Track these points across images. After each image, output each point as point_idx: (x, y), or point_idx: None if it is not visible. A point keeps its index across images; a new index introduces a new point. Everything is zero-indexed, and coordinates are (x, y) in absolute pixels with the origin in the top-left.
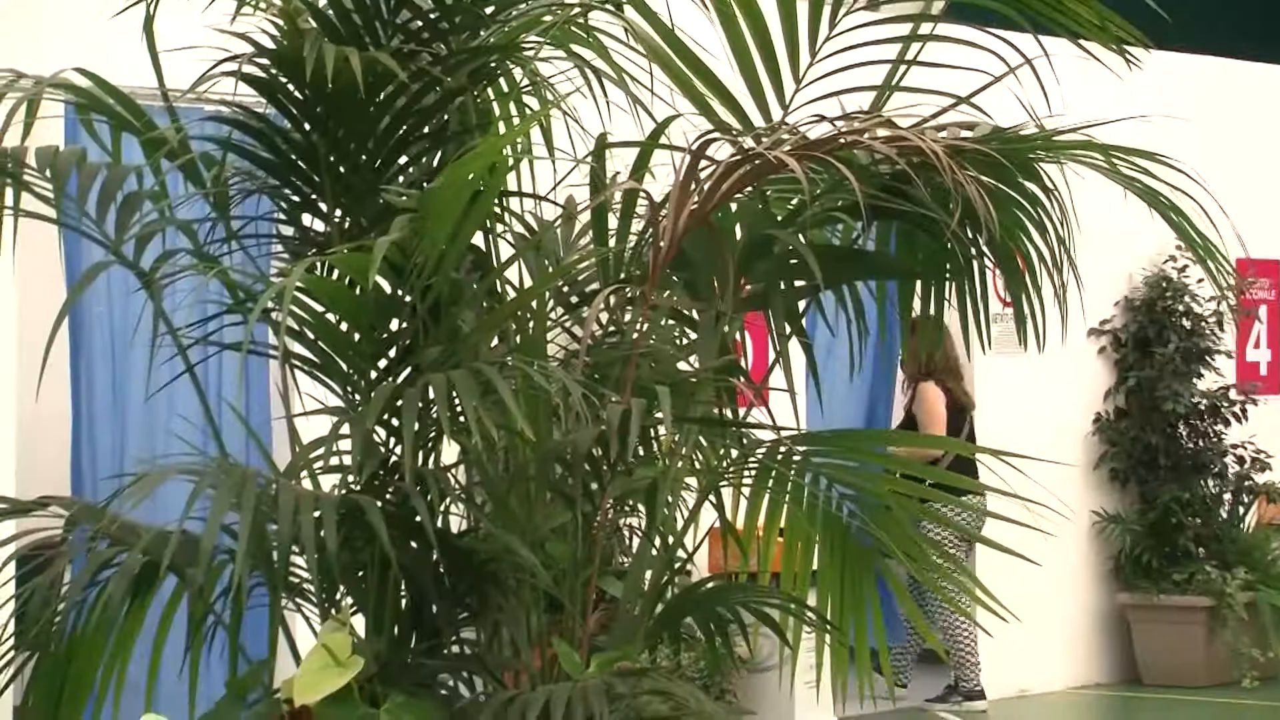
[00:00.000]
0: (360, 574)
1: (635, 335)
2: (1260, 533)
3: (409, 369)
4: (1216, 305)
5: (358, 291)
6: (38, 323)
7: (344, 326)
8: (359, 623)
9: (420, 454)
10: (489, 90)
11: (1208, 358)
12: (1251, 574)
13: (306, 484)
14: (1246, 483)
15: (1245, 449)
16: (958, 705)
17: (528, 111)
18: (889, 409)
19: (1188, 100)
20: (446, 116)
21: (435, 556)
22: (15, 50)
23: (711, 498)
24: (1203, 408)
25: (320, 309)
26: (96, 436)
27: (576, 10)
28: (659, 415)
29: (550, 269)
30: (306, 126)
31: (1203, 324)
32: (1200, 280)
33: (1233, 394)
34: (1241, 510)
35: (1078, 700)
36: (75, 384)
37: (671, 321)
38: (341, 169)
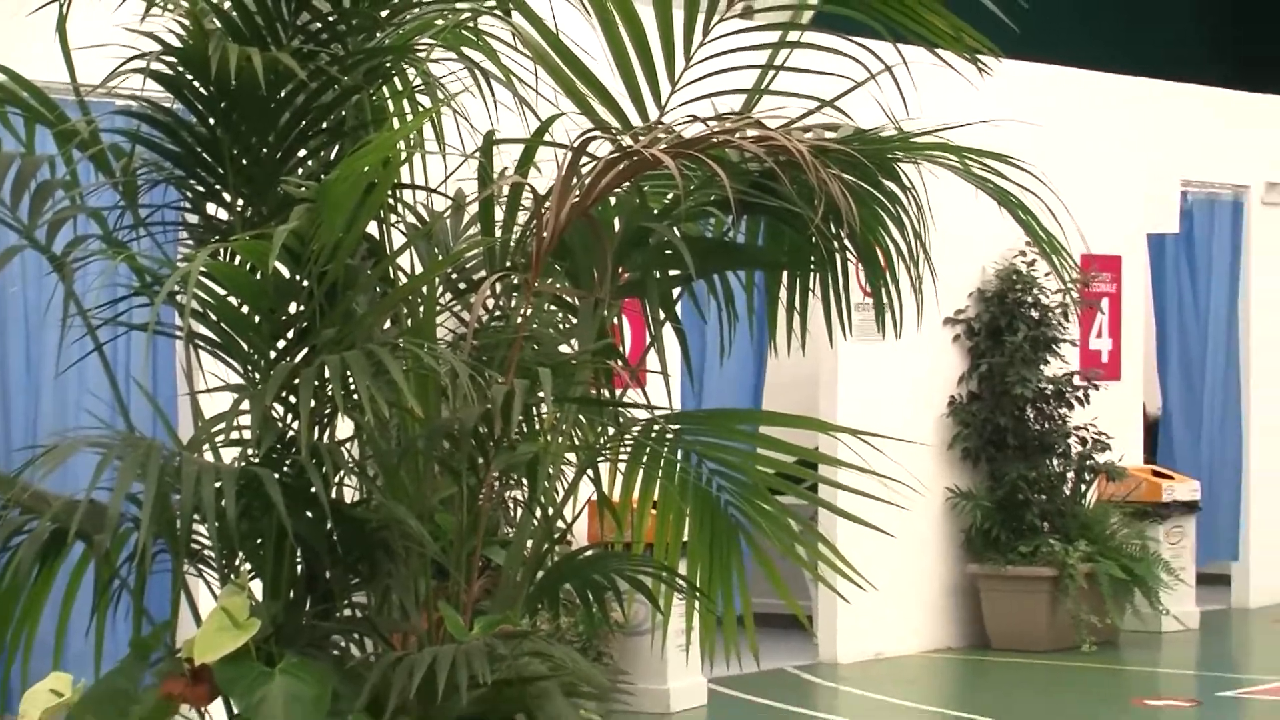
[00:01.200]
0: (258, 541)
1: (519, 320)
2: (1100, 509)
3: (306, 349)
4: (1062, 297)
5: (258, 276)
6: None
7: (245, 309)
8: (256, 587)
9: (316, 429)
10: (384, 89)
11: (1054, 346)
12: (1091, 547)
13: (208, 456)
14: (1088, 462)
15: (1087, 431)
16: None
17: (420, 109)
18: (759, 390)
19: (1035, 106)
20: (343, 113)
21: (329, 526)
22: None
23: (589, 472)
24: (1049, 392)
25: (223, 292)
26: (10, 410)
27: (466, 15)
28: (541, 395)
29: (440, 257)
30: (211, 121)
31: (1049, 314)
32: (1047, 274)
33: (1076, 380)
34: (1083, 488)
35: (930, 663)
36: None
37: (553, 307)
38: (244, 161)
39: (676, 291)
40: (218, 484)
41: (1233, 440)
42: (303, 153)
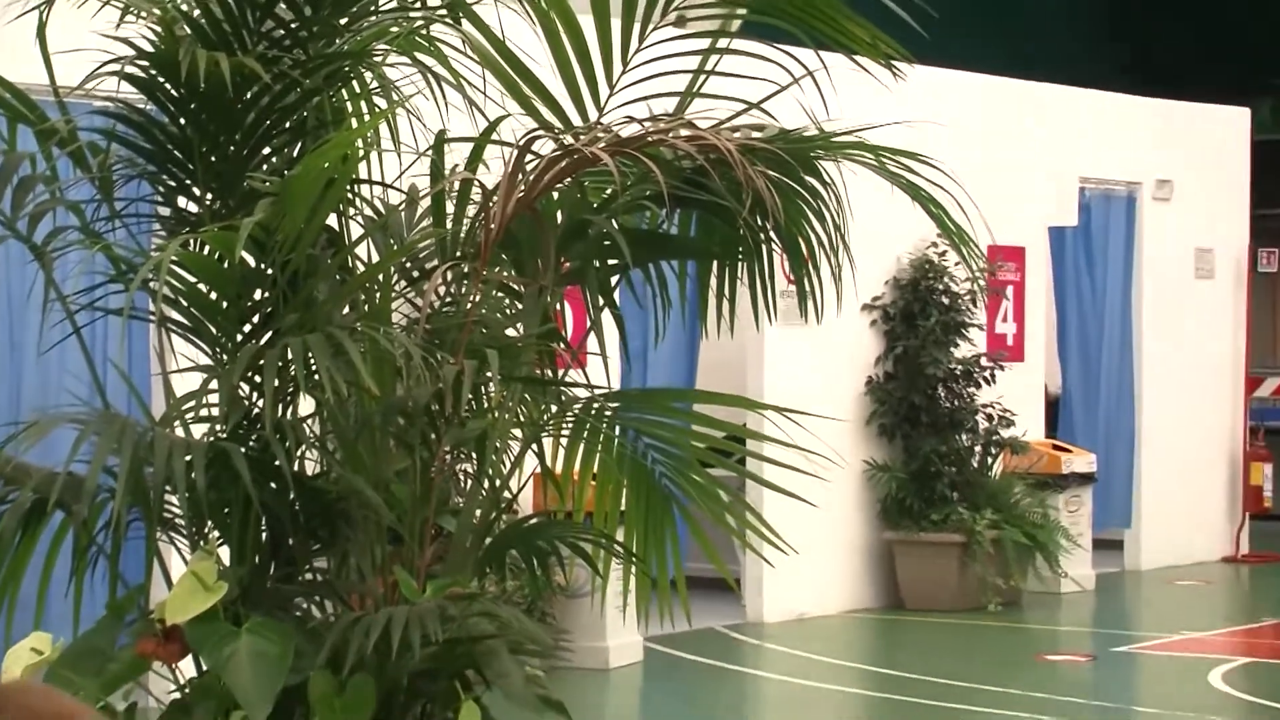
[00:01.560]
0: (225, 511)
1: (469, 305)
2: (1005, 480)
3: (270, 332)
4: (970, 285)
5: (226, 265)
6: None
7: (213, 295)
8: (224, 553)
9: (279, 406)
10: (343, 91)
11: (963, 330)
12: (997, 514)
13: (179, 432)
14: (994, 437)
15: (994, 408)
16: None
17: (376, 110)
18: (693, 371)
19: (945, 108)
20: (305, 113)
21: (292, 496)
22: None
23: (534, 446)
24: (958, 372)
25: (193, 280)
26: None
27: (419, 22)
28: (489, 375)
29: (395, 247)
30: (181, 120)
31: (959, 301)
32: (957, 263)
33: (983, 361)
34: (989, 460)
35: (849, 622)
36: None
37: (500, 294)
38: (212, 158)
39: (615, 279)
40: (188, 457)
41: (1126, 417)
42: (267, 150)
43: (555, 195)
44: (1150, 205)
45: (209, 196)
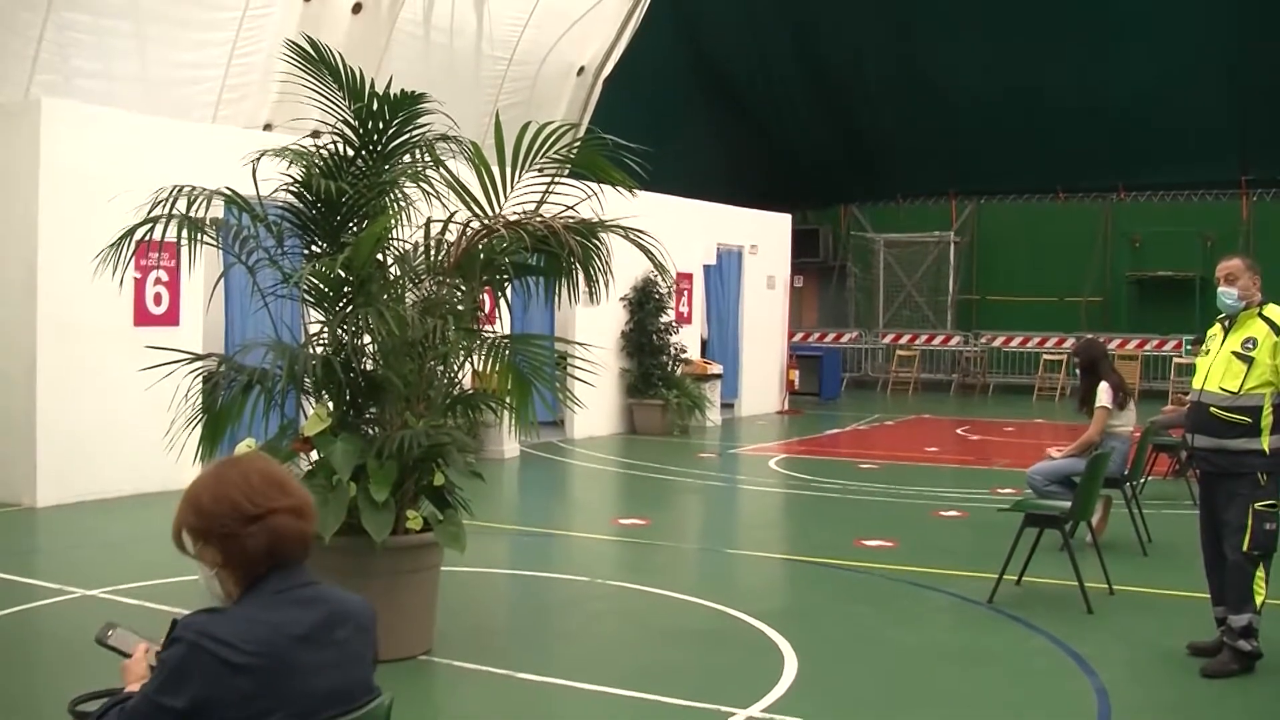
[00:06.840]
0: (331, 385)
1: (441, 294)
2: (683, 377)
3: (351, 306)
4: (667, 290)
5: (331, 275)
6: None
7: (325, 289)
8: (332, 405)
9: (354, 339)
10: (385, 197)
11: (664, 309)
12: (680, 392)
13: (311, 351)
14: (677, 358)
15: (677, 345)
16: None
17: (400, 206)
18: (550, 325)
19: (658, 209)
20: (367, 208)
21: (361, 381)
22: (203, 178)
23: (470, 359)
24: (663, 329)
25: (317, 282)
26: (234, 331)
27: (420, 168)
28: (450, 327)
29: (408, 268)
30: (313, 210)
31: (663, 297)
32: (661, 279)
33: (674, 324)
34: (675, 369)
35: (612, 438)
36: (227, 309)
37: (455, 290)
38: (326, 227)
39: (507, 285)
40: (314, 362)
41: (700, 348)
42: (351, 224)
43: (480, 246)
44: (749, 256)
45: (325, 244)
